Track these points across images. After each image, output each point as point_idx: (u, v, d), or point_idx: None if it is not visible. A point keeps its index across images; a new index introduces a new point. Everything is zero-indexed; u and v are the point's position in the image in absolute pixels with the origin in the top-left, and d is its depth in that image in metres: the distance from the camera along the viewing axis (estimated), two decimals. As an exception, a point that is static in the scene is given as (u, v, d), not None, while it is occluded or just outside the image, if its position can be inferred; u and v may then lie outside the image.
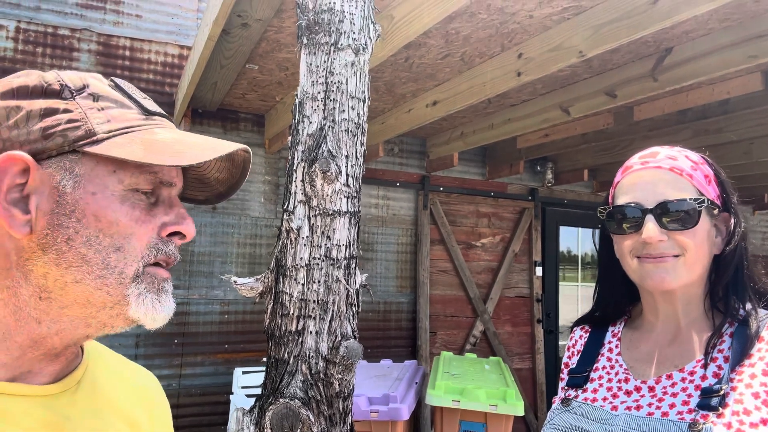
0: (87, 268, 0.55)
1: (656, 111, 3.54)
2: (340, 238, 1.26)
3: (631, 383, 0.92)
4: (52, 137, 0.55)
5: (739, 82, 3.09)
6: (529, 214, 5.40)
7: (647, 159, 0.93)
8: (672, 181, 0.89)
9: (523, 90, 3.54)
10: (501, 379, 2.97)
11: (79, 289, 0.56)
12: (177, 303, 3.03)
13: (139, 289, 0.58)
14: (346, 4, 1.29)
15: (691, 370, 0.87)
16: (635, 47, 2.84)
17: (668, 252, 0.88)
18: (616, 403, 0.91)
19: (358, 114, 1.29)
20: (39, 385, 0.58)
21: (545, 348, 5.35)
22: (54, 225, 0.55)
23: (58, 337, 0.58)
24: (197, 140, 0.61)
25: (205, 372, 4.04)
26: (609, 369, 0.98)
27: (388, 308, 4.77)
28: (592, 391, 0.96)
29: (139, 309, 0.58)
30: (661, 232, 0.87)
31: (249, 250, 4.25)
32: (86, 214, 0.56)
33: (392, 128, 3.99)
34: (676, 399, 0.85)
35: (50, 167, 0.55)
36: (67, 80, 0.59)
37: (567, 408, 0.97)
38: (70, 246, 0.55)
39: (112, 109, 0.59)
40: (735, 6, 2.34)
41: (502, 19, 2.56)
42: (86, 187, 0.56)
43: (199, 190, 0.71)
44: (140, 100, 0.62)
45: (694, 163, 0.92)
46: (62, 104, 0.56)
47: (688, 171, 0.90)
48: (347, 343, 1.25)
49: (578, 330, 1.09)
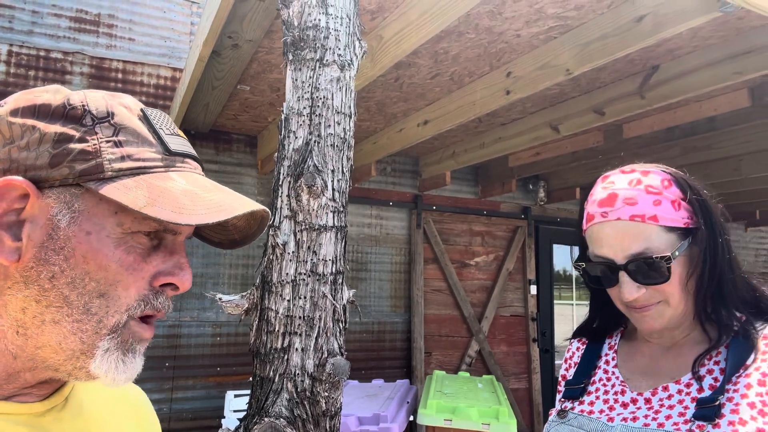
0: (67, 309, 0.52)
1: (645, 128, 3.58)
2: (326, 253, 1.25)
3: (627, 395, 0.92)
4: (58, 167, 0.52)
5: (726, 98, 3.13)
6: (523, 232, 5.40)
7: (606, 209, 0.89)
8: (636, 233, 0.86)
9: (512, 109, 3.57)
10: (494, 398, 2.94)
11: (55, 331, 0.53)
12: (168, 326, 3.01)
13: (110, 344, 0.54)
14: (331, 20, 1.30)
15: (687, 382, 0.86)
16: (622, 65, 2.87)
17: (650, 302, 0.87)
18: (613, 415, 0.91)
19: (344, 129, 1.29)
20: (24, 403, 0.56)
21: (541, 367, 5.31)
22: (40, 259, 0.52)
23: (30, 374, 0.56)
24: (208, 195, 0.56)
25: (196, 396, 3.97)
26: (605, 381, 0.98)
27: (382, 328, 4.73)
28: (589, 403, 0.96)
29: (101, 365, 0.54)
30: (638, 288, 0.86)
31: (241, 271, 4.22)
32: (75, 253, 0.52)
33: (384, 148, 4.01)
34: (673, 411, 0.84)
35: (50, 197, 0.52)
36: (92, 105, 0.55)
37: (563, 420, 0.96)
38: (53, 284, 0.52)
39: (130, 145, 0.55)
40: (719, 24, 2.38)
41: (490, 38, 2.59)
42: (82, 225, 0.53)
43: (215, 232, 0.68)
44: (165, 137, 0.58)
45: (656, 192, 0.87)
46: (79, 133, 0.53)
47: (650, 213, 0.86)
48: (334, 360, 1.23)
49: (575, 342, 1.10)
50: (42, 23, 3.79)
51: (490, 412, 2.55)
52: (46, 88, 0.56)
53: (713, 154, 3.96)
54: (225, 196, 0.57)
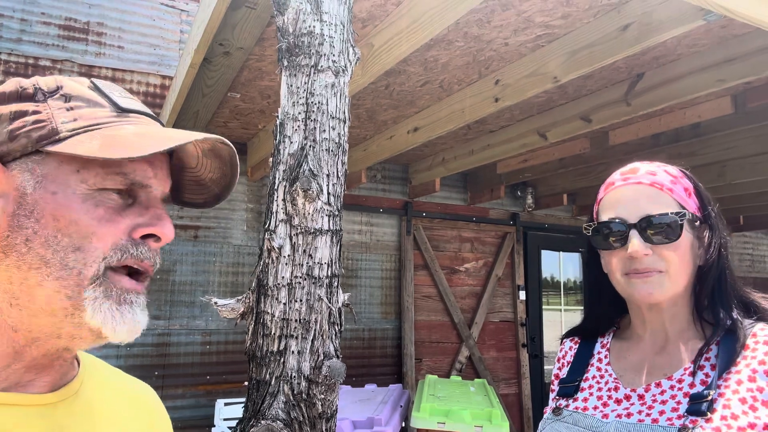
0: (46, 269, 0.54)
1: (631, 135, 3.64)
2: (322, 256, 1.26)
3: (621, 392, 0.94)
4: (17, 138, 0.55)
5: (710, 105, 3.20)
6: (511, 238, 5.44)
7: (628, 175, 0.96)
8: (653, 195, 0.92)
9: (501, 116, 3.61)
10: (486, 401, 2.96)
11: (42, 293, 0.54)
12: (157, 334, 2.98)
13: (96, 293, 0.55)
14: (325, 27, 1.32)
15: (679, 378, 0.88)
16: (608, 73, 2.92)
17: (653, 266, 0.90)
18: (607, 411, 0.92)
19: (339, 134, 1.31)
20: (35, 394, 0.57)
21: (531, 373, 5.33)
22: (14, 226, 0.54)
23: (35, 348, 0.56)
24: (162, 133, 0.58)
25: (186, 404, 3.94)
26: (599, 378, 0.99)
27: (373, 335, 4.73)
28: (583, 400, 0.98)
29: (95, 316, 0.55)
30: (645, 246, 0.89)
31: (231, 279, 4.21)
32: (44, 214, 0.54)
33: (374, 155, 4.03)
34: (666, 406, 0.86)
35: (14, 169, 0.55)
36: (42, 83, 0.58)
37: (558, 417, 0.98)
38: (29, 247, 0.54)
39: (81, 108, 0.58)
40: (702, 32, 2.44)
41: (479, 46, 2.63)
42: (47, 187, 0.55)
43: (197, 193, 0.70)
44: (116, 99, 0.60)
45: (673, 177, 0.95)
46: (32, 106, 0.56)
47: (668, 185, 0.93)
48: (330, 362, 1.24)
49: (568, 341, 1.12)
50: (31, 31, 3.78)
51: (483, 414, 2.57)
52: (3, 84, 0.59)
53: (697, 161, 4.03)
54: (177, 132, 0.59)
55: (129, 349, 3.78)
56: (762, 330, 0.86)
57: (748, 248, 7.06)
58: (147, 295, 0.62)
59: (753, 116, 3.30)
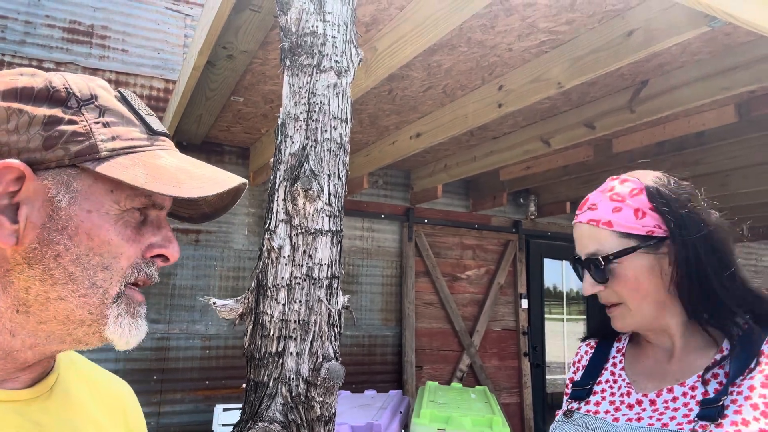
0: (73, 286, 0.54)
1: (634, 143, 3.62)
2: (322, 257, 1.25)
3: (633, 396, 0.93)
4: (53, 149, 0.53)
5: (714, 114, 3.18)
6: (514, 246, 5.42)
7: (578, 212, 1.00)
8: (590, 234, 0.95)
9: (504, 122, 3.60)
10: (487, 408, 2.93)
11: (61, 306, 0.54)
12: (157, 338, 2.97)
13: (119, 310, 0.57)
14: (328, 27, 1.31)
15: (692, 384, 0.88)
16: (612, 80, 2.92)
17: (610, 300, 0.93)
18: (618, 416, 0.92)
19: (341, 134, 1.30)
20: (11, 390, 0.56)
21: (533, 382, 5.29)
22: (44, 240, 0.53)
23: (31, 352, 0.56)
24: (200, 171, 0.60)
25: (184, 409, 3.92)
26: (612, 383, 0.99)
27: (373, 342, 4.71)
28: (595, 403, 0.98)
29: (116, 330, 0.57)
30: (593, 284, 0.94)
31: (231, 283, 4.19)
32: (79, 231, 0.54)
33: (376, 160, 4.02)
34: (677, 413, 0.86)
35: (47, 179, 0.54)
36: (75, 88, 0.56)
37: (569, 419, 0.98)
38: (58, 263, 0.53)
39: (117, 126, 0.57)
40: (707, 39, 2.43)
41: (483, 52, 2.63)
42: (82, 204, 0.54)
43: (183, 208, 0.70)
44: (146, 117, 0.61)
45: (619, 201, 0.93)
46: (67, 114, 0.55)
47: (606, 218, 0.93)
48: (329, 364, 1.23)
49: (584, 346, 1.13)
50: (35, 34, 3.79)
51: (484, 421, 2.54)
52: (20, 71, 0.57)
53: (701, 169, 4.01)
54: (213, 171, 0.62)
55: (128, 354, 3.76)
56: None
57: (752, 259, 7.02)
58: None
59: (757, 125, 3.28)
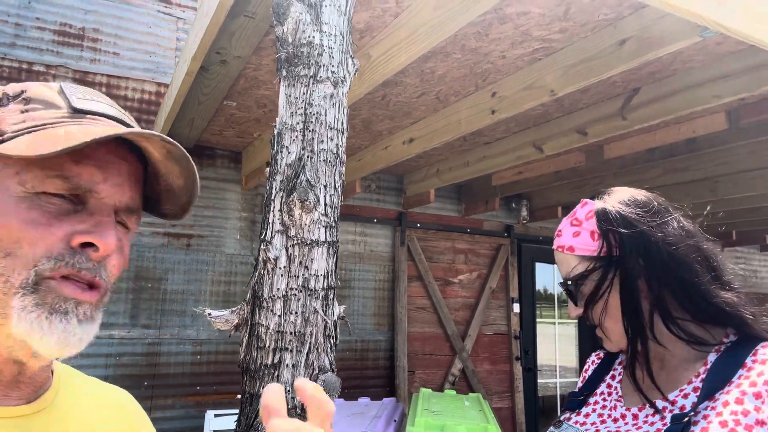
0: None
1: (625, 149, 3.65)
2: (318, 268, 1.24)
3: (618, 410, 0.94)
4: None
5: (704, 121, 3.21)
6: (506, 250, 5.44)
7: (555, 238, 1.03)
8: (560, 260, 1.00)
9: (497, 128, 3.61)
10: (481, 416, 2.94)
11: None
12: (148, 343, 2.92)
13: (25, 302, 0.51)
14: (325, 38, 1.31)
15: (673, 399, 0.87)
16: (604, 87, 2.94)
17: (593, 322, 0.96)
18: (602, 428, 0.93)
19: (337, 145, 1.30)
20: (9, 407, 0.56)
21: (524, 386, 5.31)
22: None
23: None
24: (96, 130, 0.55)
25: (175, 415, 3.89)
26: (606, 395, 1.00)
27: (366, 346, 4.70)
28: (585, 415, 0.99)
29: (20, 325, 0.51)
30: (573, 308, 0.97)
31: (223, 288, 4.17)
32: None
33: (369, 165, 4.02)
34: (652, 427, 0.85)
35: None
36: (10, 89, 0.58)
37: (558, 429, 0.99)
38: None
39: (36, 111, 0.56)
40: (698, 48, 2.45)
41: (476, 59, 2.64)
42: None
43: (172, 203, 0.67)
44: (74, 99, 0.58)
45: (576, 225, 0.97)
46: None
47: (568, 245, 0.97)
48: (325, 376, 1.22)
49: (593, 356, 1.15)
50: (25, 36, 3.76)
51: (478, 429, 2.55)
52: None
53: (690, 176, 4.05)
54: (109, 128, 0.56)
55: (118, 359, 3.73)
56: (763, 348, 0.83)
57: (741, 263, 7.10)
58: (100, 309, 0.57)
59: (746, 132, 3.32)
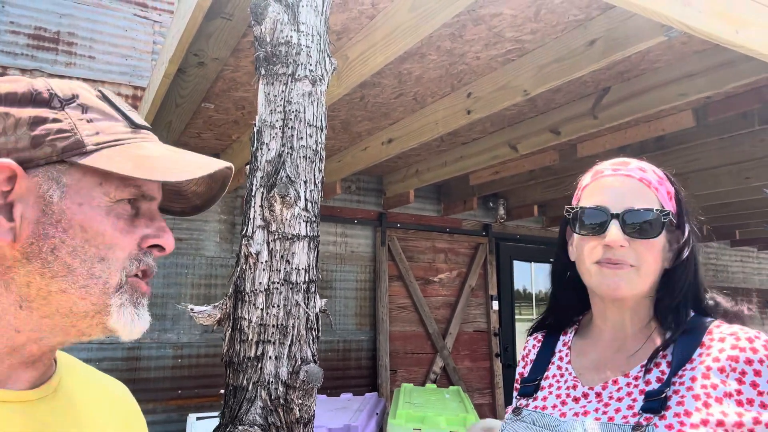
0: (72, 277, 0.56)
1: (598, 148, 3.74)
2: (299, 262, 1.27)
3: (579, 390, 0.94)
4: (41, 146, 0.55)
5: (673, 119, 3.32)
6: (484, 249, 5.51)
7: (618, 167, 0.97)
8: (640, 190, 0.93)
9: (473, 128, 3.68)
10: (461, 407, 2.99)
11: (63, 299, 0.56)
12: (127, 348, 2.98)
13: (122, 300, 0.59)
14: (302, 37, 1.35)
15: (635, 375, 0.89)
16: (576, 87, 3.02)
17: (626, 259, 0.90)
18: (565, 410, 0.92)
19: (316, 141, 1.33)
20: (16, 390, 0.57)
21: (504, 382, 5.38)
22: (40, 234, 0.55)
23: (36, 345, 0.58)
24: (184, 157, 0.62)
25: (156, 420, 3.86)
26: (559, 377, 0.99)
27: (348, 346, 4.72)
28: (542, 399, 0.98)
29: (119, 320, 0.59)
30: (623, 237, 0.90)
31: (204, 291, 4.16)
32: (72, 224, 0.56)
33: (349, 166, 4.06)
34: (622, 403, 0.87)
35: (37, 176, 0.55)
36: (57, 89, 0.59)
37: (518, 417, 0.98)
38: (55, 256, 0.55)
39: (100, 122, 0.59)
40: (665, 48, 2.54)
41: (452, 60, 2.69)
42: (73, 198, 0.56)
43: (175, 202, 0.71)
44: (127, 113, 0.63)
45: (660, 178, 0.97)
46: (52, 114, 0.57)
47: (655, 184, 0.95)
48: (307, 367, 1.25)
49: (531, 340, 1.12)
50: (-2, 40, 3.72)
51: (458, 419, 2.60)
52: (2, 79, 0.59)
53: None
54: (198, 157, 0.63)
55: (98, 364, 3.70)
56: (717, 327, 0.87)
57: (712, 258, 7.28)
58: None
59: (714, 129, 3.43)
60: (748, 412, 0.77)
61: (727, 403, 0.78)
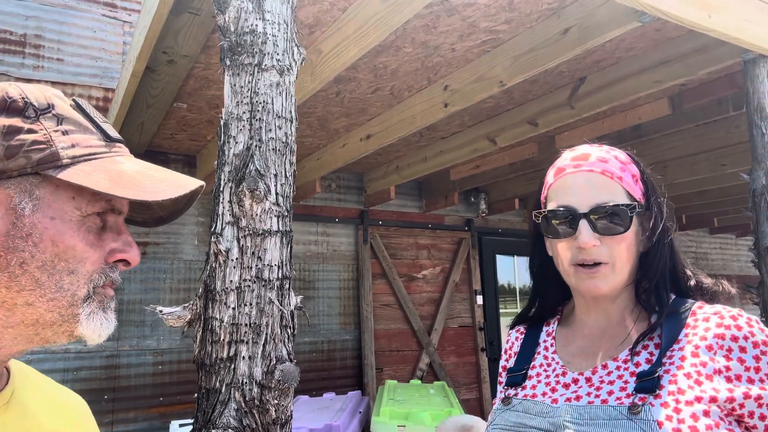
0: (39, 291, 0.55)
1: (576, 138, 3.74)
2: (271, 258, 1.23)
3: (568, 376, 0.94)
4: (14, 158, 0.53)
5: (649, 107, 3.33)
6: (467, 244, 5.50)
7: (579, 162, 0.94)
8: (603, 184, 0.91)
9: (451, 122, 3.66)
10: (446, 402, 2.97)
11: (29, 311, 0.55)
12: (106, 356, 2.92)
13: (91, 308, 0.58)
14: (268, 26, 1.30)
15: (624, 358, 0.89)
16: (552, 78, 3.01)
17: (600, 258, 0.90)
18: (556, 396, 0.92)
19: (286, 133, 1.29)
20: None
21: (490, 377, 5.38)
22: (9, 247, 0.53)
23: None
24: (160, 174, 0.62)
25: (138, 428, 3.78)
26: (546, 366, 0.99)
27: (332, 347, 4.68)
28: (531, 387, 0.97)
29: (88, 326, 0.58)
30: (594, 236, 0.89)
31: (183, 296, 4.08)
32: (44, 238, 0.54)
33: (328, 164, 4.01)
34: (614, 386, 0.87)
35: (9, 188, 0.54)
36: (31, 97, 0.57)
37: (508, 406, 0.97)
38: (24, 270, 0.54)
39: (75, 134, 0.58)
40: (639, 35, 2.54)
41: (427, 52, 2.66)
42: (45, 211, 0.55)
43: (138, 213, 0.70)
44: (101, 125, 0.62)
45: (622, 163, 0.95)
46: (26, 124, 0.55)
47: (617, 173, 0.92)
48: (283, 366, 1.21)
49: (514, 332, 1.12)
50: (-39, 43, 3.60)
51: (443, 414, 2.57)
52: None
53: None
54: (173, 175, 0.63)
55: (76, 374, 3.61)
56: (700, 308, 0.89)
57: (692, 246, 7.37)
58: None
59: (690, 116, 3.45)
60: (738, 387, 0.79)
61: (717, 380, 0.80)
